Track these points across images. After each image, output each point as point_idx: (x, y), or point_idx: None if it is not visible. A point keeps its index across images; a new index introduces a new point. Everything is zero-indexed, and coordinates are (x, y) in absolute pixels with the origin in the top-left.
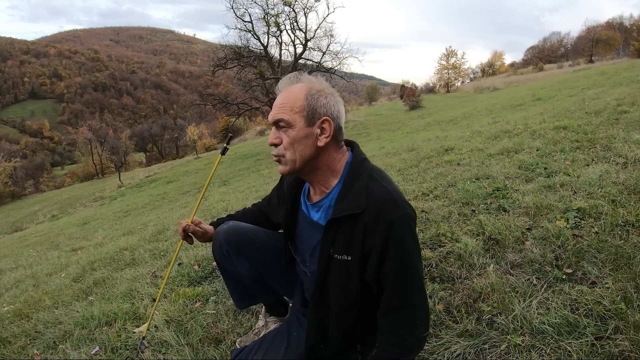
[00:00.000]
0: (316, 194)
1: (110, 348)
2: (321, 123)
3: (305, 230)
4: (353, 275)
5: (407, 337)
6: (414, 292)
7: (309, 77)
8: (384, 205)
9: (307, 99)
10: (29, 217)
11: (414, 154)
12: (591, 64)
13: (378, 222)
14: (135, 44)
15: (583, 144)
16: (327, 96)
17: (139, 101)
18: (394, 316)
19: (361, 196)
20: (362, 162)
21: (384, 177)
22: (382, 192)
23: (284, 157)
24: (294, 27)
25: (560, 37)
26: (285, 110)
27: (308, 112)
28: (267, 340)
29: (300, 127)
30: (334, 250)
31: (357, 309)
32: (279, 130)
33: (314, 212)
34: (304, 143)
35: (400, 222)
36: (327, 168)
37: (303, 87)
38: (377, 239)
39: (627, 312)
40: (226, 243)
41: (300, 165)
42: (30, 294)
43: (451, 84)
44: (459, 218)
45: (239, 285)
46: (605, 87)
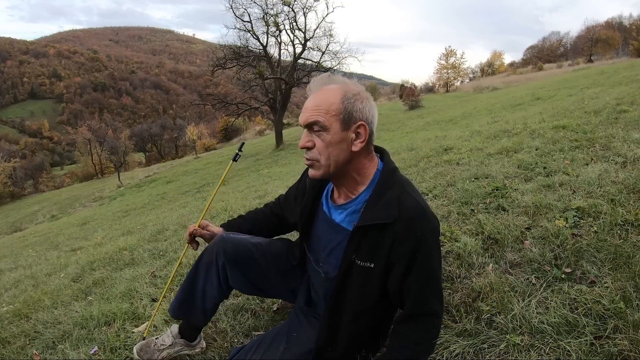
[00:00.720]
0: (340, 197)
1: (109, 348)
2: (357, 128)
3: (323, 230)
4: (373, 283)
5: (421, 342)
6: (435, 302)
7: (343, 78)
8: (416, 217)
9: (343, 102)
10: (28, 217)
11: (414, 153)
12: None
13: (408, 234)
14: (134, 44)
15: (582, 143)
16: (363, 100)
17: (139, 101)
18: (413, 322)
19: (393, 206)
20: (393, 171)
21: (414, 189)
22: (415, 204)
23: (318, 161)
24: (293, 26)
25: (559, 37)
26: (320, 112)
27: (344, 116)
28: (266, 340)
29: (336, 130)
30: (356, 256)
31: (372, 314)
32: (312, 133)
33: (337, 213)
34: (338, 147)
35: (430, 235)
36: (356, 173)
37: (339, 89)
38: (405, 250)
39: (626, 312)
40: (224, 255)
41: (334, 170)
42: (30, 294)
43: (450, 84)
44: (458, 217)
45: (194, 294)
46: (604, 87)
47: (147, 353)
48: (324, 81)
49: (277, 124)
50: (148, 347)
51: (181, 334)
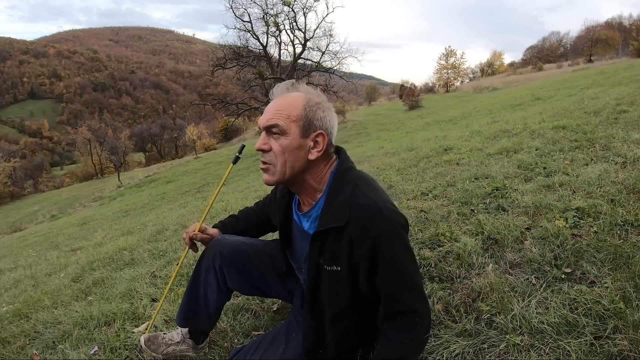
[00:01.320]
0: (304, 205)
1: (109, 348)
2: (315, 136)
3: (297, 239)
4: (344, 285)
5: (408, 341)
6: (412, 299)
7: (307, 87)
8: (369, 217)
9: (305, 109)
10: (28, 217)
11: (413, 153)
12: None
13: (363, 234)
14: (134, 44)
15: (582, 143)
16: (325, 110)
17: (138, 101)
18: (394, 322)
19: (344, 208)
20: (347, 170)
21: (370, 186)
22: (367, 203)
23: (274, 166)
24: (293, 27)
25: (559, 37)
26: (281, 116)
27: (304, 123)
28: (265, 340)
29: (294, 136)
30: (323, 260)
31: (352, 315)
32: (270, 136)
33: (305, 221)
34: (295, 154)
35: (387, 233)
36: (314, 181)
37: (302, 96)
38: (364, 251)
39: (626, 312)
40: (220, 257)
41: (289, 177)
42: (30, 294)
43: (450, 84)
44: (458, 218)
45: (197, 301)
46: (604, 87)
47: (153, 344)
48: (288, 88)
49: None
50: (155, 339)
51: (190, 334)
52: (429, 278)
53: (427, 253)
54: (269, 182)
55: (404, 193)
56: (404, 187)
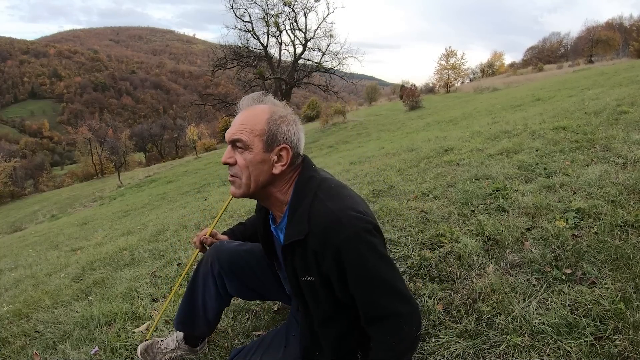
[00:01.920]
0: (276, 217)
1: (109, 348)
2: (279, 150)
3: (278, 250)
4: (322, 294)
5: (396, 343)
6: (391, 303)
7: (273, 100)
8: (327, 228)
9: (268, 124)
10: (28, 217)
11: (414, 154)
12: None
13: (325, 247)
14: (134, 44)
15: (582, 144)
16: (289, 123)
17: (139, 101)
18: (377, 326)
19: (303, 220)
20: (307, 180)
21: (331, 195)
22: (325, 213)
23: (240, 178)
24: (293, 27)
25: (559, 38)
26: (244, 131)
27: (268, 137)
28: (266, 341)
29: (258, 151)
30: (298, 272)
31: (340, 320)
32: (235, 150)
33: (280, 233)
34: (259, 168)
35: (350, 242)
36: (280, 194)
37: (266, 110)
38: (329, 263)
39: (627, 313)
40: (218, 263)
41: (254, 190)
42: (30, 294)
43: (451, 84)
44: (459, 218)
45: (196, 307)
46: (604, 88)
47: (150, 354)
48: (254, 100)
49: None
50: (152, 348)
51: (185, 340)
52: (430, 279)
53: (428, 253)
54: (235, 194)
55: (405, 193)
56: (405, 188)
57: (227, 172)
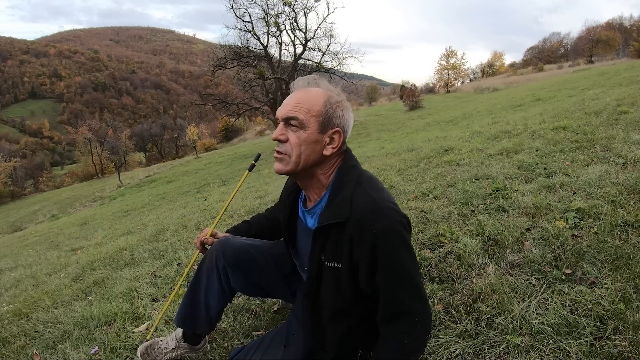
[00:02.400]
0: (310, 201)
1: (109, 348)
2: (332, 133)
3: (302, 236)
4: (345, 282)
5: (408, 342)
6: (411, 299)
7: (328, 84)
8: (369, 215)
9: (325, 106)
10: (28, 217)
11: (414, 154)
12: (591, 65)
13: (363, 233)
14: (135, 44)
15: (583, 144)
16: (344, 109)
17: (139, 101)
18: (393, 323)
19: (345, 204)
20: (350, 168)
21: (372, 185)
22: (367, 201)
23: (289, 156)
24: (293, 27)
25: (560, 38)
26: (301, 110)
27: (324, 119)
28: (266, 341)
29: (312, 131)
30: (324, 257)
31: (353, 314)
32: (288, 127)
33: (309, 218)
34: (311, 147)
35: (387, 232)
36: (322, 176)
37: (323, 92)
38: (363, 250)
39: (627, 313)
40: (223, 258)
41: (302, 169)
42: (30, 294)
43: (451, 85)
44: (459, 218)
45: (197, 304)
46: (605, 88)
47: (150, 355)
48: (309, 82)
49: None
50: (152, 349)
51: (185, 338)
52: (429, 279)
53: (428, 253)
54: (280, 171)
55: (405, 193)
56: (405, 188)
57: (226, 172)
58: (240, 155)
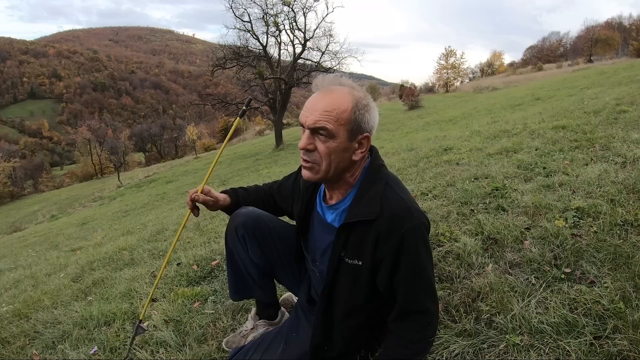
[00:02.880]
0: (332, 198)
1: (109, 348)
2: (361, 139)
3: (318, 231)
4: (362, 280)
5: (417, 342)
6: (427, 299)
7: (353, 84)
8: (399, 214)
9: (354, 113)
10: (28, 217)
11: (413, 153)
12: (590, 64)
13: (392, 231)
14: (134, 44)
15: (582, 143)
16: (371, 110)
17: (138, 101)
18: (406, 321)
19: (376, 203)
20: (379, 167)
21: (400, 186)
22: (398, 200)
23: (318, 165)
24: (293, 27)
25: (559, 37)
26: (330, 119)
27: (353, 127)
28: (265, 341)
29: (342, 140)
30: (345, 253)
31: (363, 312)
32: (315, 136)
33: (329, 213)
34: (341, 156)
35: (414, 233)
36: (350, 177)
37: (350, 96)
38: (389, 248)
39: (626, 312)
40: (243, 227)
41: (332, 176)
42: (29, 294)
43: (450, 84)
44: (458, 218)
45: (241, 274)
46: (604, 87)
47: (234, 342)
48: (333, 80)
49: (276, 124)
50: (235, 337)
51: (259, 315)
52: None
53: None
54: (311, 179)
55: None
56: None
57: (226, 172)
58: (239, 155)
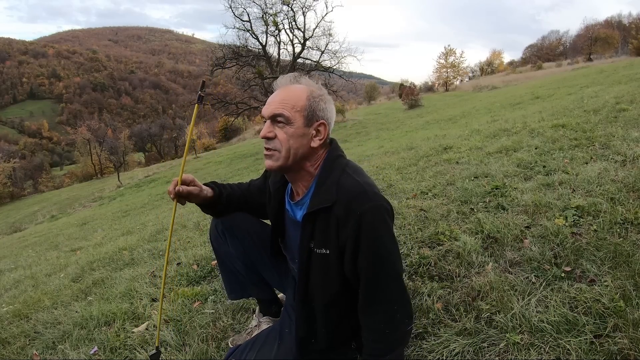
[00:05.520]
0: (298, 193)
1: (109, 348)
2: (318, 126)
3: (291, 230)
4: (333, 269)
5: (388, 332)
6: (391, 285)
7: (309, 80)
8: (354, 197)
9: (309, 100)
10: (28, 218)
11: (413, 152)
12: (590, 63)
13: (349, 214)
14: (133, 44)
15: (582, 142)
16: (326, 102)
17: (138, 101)
18: (373, 311)
19: (332, 190)
20: (336, 158)
21: (357, 172)
22: (353, 184)
23: (279, 152)
24: (292, 26)
25: (559, 36)
26: (286, 106)
27: (308, 113)
28: (260, 339)
29: (299, 125)
30: (313, 244)
31: (342, 302)
32: (275, 124)
33: (297, 210)
34: (299, 141)
35: (371, 213)
36: (311, 167)
37: (305, 88)
38: (349, 231)
39: (626, 310)
40: (222, 223)
41: (291, 163)
42: (30, 295)
43: (450, 83)
44: (458, 216)
45: (232, 273)
46: (603, 86)
47: (239, 341)
48: (291, 80)
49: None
50: (240, 336)
51: (262, 312)
52: (429, 277)
53: (427, 252)
54: (272, 167)
55: (404, 192)
56: (404, 186)
57: (226, 172)
58: (239, 155)
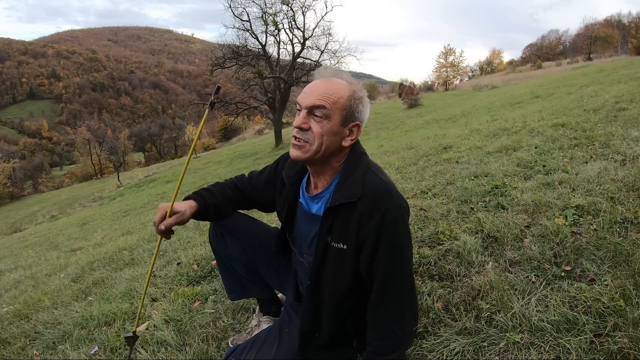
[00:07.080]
0: (317, 187)
1: (109, 348)
2: (352, 126)
3: (302, 223)
4: (348, 265)
5: (396, 330)
6: (404, 284)
7: (351, 78)
8: (380, 194)
9: (350, 100)
10: (28, 218)
11: (413, 152)
12: (590, 62)
13: (373, 210)
14: (133, 44)
15: (581, 141)
16: (365, 104)
17: (138, 101)
18: (383, 308)
19: (357, 185)
20: (360, 155)
21: (380, 170)
22: (378, 182)
23: (310, 144)
24: (292, 25)
25: (558, 35)
26: (329, 100)
27: (347, 113)
28: (259, 339)
29: (336, 123)
30: (331, 238)
31: (350, 299)
32: (311, 117)
33: (314, 204)
34: (331, 139)
35: (394, 211)
36: (336, 162)
37: (348, 86)
38: (371, 227)
39: (626, 309)
40: (221, 225)
41: (319, 157)
42: (30, 295)
43: (450, 82)
44: (458, 216)
45: (231, 273)
46: (603, 85)
47: (239, 341)
48: (334, 72)
49: (276, 123)
50: (241, 335)
51: (262, 312)
52: (429, 276)
53: (427, 251)
54: (299, 157)
55: (404, 191)
56: (404, 186)
57: (225, 172)
58: (239, 155)
